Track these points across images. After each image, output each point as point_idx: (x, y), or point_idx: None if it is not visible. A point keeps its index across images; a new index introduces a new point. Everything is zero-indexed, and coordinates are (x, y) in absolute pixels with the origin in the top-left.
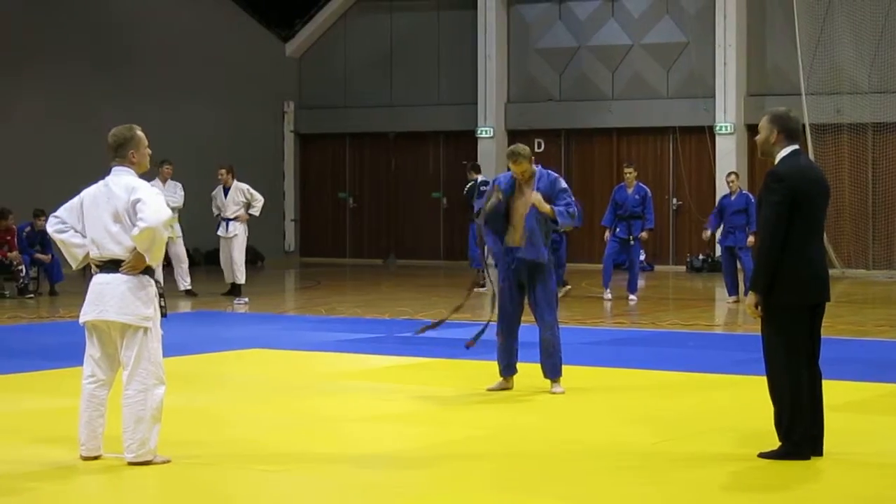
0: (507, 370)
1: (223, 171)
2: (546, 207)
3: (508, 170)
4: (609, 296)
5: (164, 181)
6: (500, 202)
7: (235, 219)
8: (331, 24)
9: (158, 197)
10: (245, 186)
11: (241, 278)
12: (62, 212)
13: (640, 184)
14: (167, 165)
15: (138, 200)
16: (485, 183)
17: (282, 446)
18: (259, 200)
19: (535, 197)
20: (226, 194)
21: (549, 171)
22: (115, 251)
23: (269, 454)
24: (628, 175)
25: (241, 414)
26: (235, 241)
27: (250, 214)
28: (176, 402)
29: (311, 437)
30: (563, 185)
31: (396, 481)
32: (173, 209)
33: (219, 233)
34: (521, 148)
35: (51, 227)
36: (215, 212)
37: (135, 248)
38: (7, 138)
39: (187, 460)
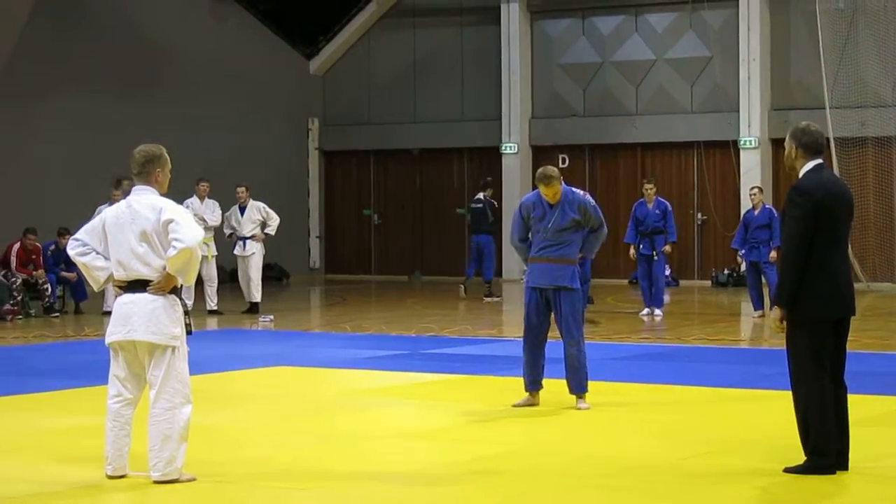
0: (533, 385)
1: (242, 189)
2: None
3: (534, 188)
4: (646, 312)
5: (201, 199)
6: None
7: (252, 237)
8: (354, 41)
9: (189, 215)
10: (262, 205)
11: (257, 296)
12: (82, 234)
13: (660, 198)
14: (204, 183)
15: (171, 221)
16: (477, 202)
17: (307, 464)
18: (275, 220)
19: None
20: (242, 213)
21: (575, 191)
22: (143, 272)
23: (294, 472)
24: (648, 191)
25: (267, 432)
26: (252, 260)
27: (266, 234)
28: (202, 420)
29: (336, 455)
30: (592, 203)
31: (422, 498)
32: (211, 228)
33: (235, 251)
34: (553, 170)
35: (71, 249)
36: (227, 231)
37: (164, 268)
38: (33, 157)
39: (213, 478)
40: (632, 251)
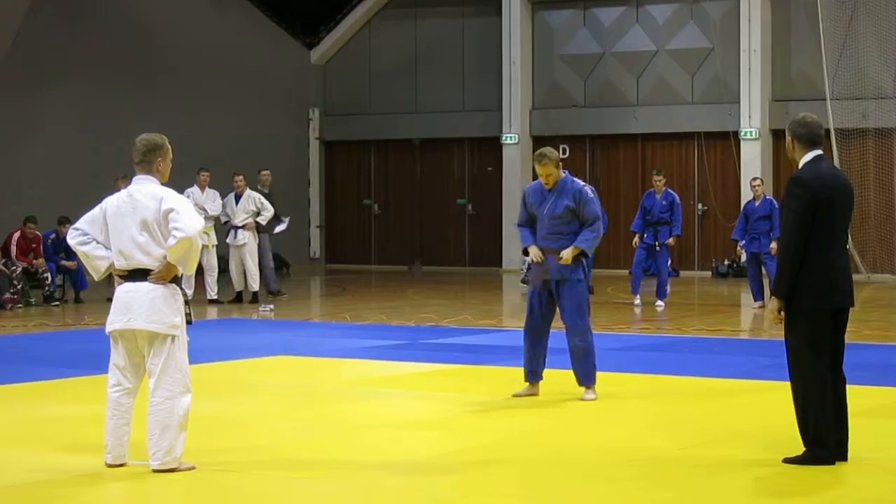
0: (531, 376)
1: (240, 178)
2: (570, 257)
3: (534, 178)
4: (638, 302)
5: (202, 189)
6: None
7: (244, 227)
8: (356, 31)
9: (189, 205)
10: (257, 195)
11: (255, 286)
12: (83, 223)
13: (669, 190)
14: (205, 173)
15: (171, 210)
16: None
17: (307, 453)
18: (269, 211)
19: (565, 256)
20: (237, 201)
21: (576, 180)
22: (143, 261)
23: (294, 461)
24: (657, 182)
25: (267, 421)
26: (246, 249)
27: (258, 223)
28: (201, 409)
29: (336, 444)
30: (590, 195)
31: (422, 488)
32: (211, 217)
33: (227, 240)
34: (549, 151)
35: (72, 239)
36: (223, 219)
37: (164, 258)
38: (34, 147)
39: (212, 467)
40: (636, 239)
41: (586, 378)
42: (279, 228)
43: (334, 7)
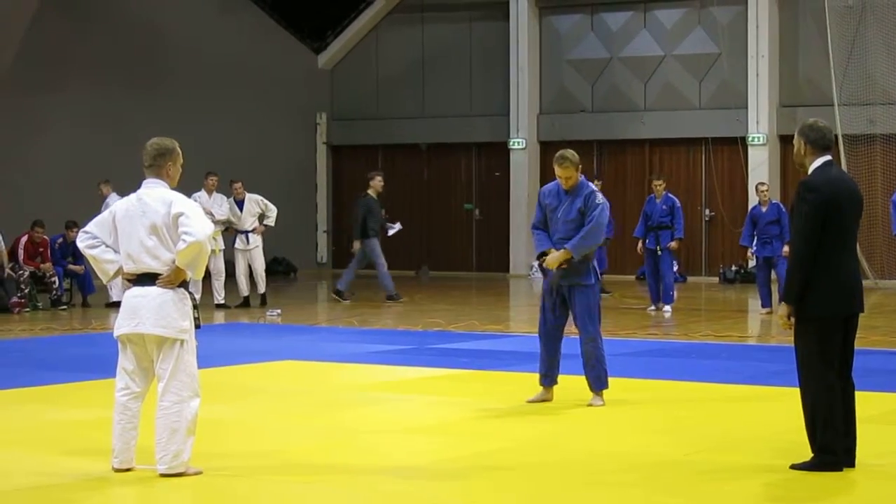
0: (545, 380)
1: (238, 184)
2: (558, 260)
3: (541, 184)
4: (653, 308)
5: (209, 193)
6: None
7: (253, 230)
8: (363, 36)
9: (199, 209)
10: (258, 197)
11: (263, 287)
12: (92, 227)
13: (669, 194)
14: (212, 177)
15: (181, 214)
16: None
17: (314, 458)
18: (273, 211)
19: (553, 259)
20: (240, 207)
21: (589, 184)
22: (152, 265)
23: (301, 465)
24: (657, 187)
25: (273, 425)
26: (257, 253)
27: (266, 226)
28: (208, 413)
29: (343, 449)
30: (598, 199)
31: (429, 493)
32: (219, 222)
33: (236, 245)
34: (570, 153)
35: (81, 242)
36: (220, 227)
37: (173, 262)
38: (41, 151)
39: (219, 472)
40: (639, 245)
41: (597, 384)
42: (392, 231)
43: (342, 12)
